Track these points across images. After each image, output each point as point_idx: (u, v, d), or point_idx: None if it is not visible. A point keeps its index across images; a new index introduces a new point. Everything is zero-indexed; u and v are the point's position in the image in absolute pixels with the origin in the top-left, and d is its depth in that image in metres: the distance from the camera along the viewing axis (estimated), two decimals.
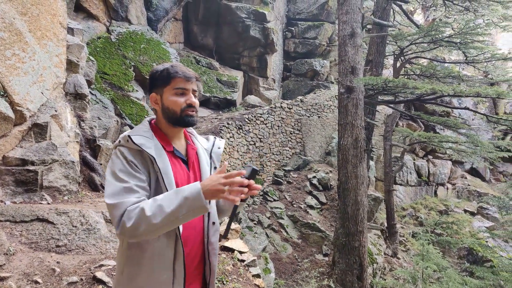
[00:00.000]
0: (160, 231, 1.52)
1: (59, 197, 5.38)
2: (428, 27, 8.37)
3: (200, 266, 1.74)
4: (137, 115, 9.96)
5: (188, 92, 1.76)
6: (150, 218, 1.47)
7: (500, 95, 6.51)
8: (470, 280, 7.54)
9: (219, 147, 1.90)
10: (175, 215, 1.47)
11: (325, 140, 12.53)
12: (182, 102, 1.74)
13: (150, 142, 1.69)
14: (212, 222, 1.75)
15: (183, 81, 1.74)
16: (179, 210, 1.47)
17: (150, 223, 1.47)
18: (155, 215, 1.47)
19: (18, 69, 5.13)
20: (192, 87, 1.77)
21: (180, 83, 1.75)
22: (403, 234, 11.59)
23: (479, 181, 17.38)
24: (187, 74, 1.76)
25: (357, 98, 7.02)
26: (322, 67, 17.03)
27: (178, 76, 1.75)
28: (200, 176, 1.76)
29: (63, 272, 3.93)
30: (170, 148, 1.74)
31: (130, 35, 11.32)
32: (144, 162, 1.64)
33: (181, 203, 1.47)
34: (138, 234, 1.50)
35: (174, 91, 1.75)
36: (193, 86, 1.78)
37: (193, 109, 1.76)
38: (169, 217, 1.47)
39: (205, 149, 1.88)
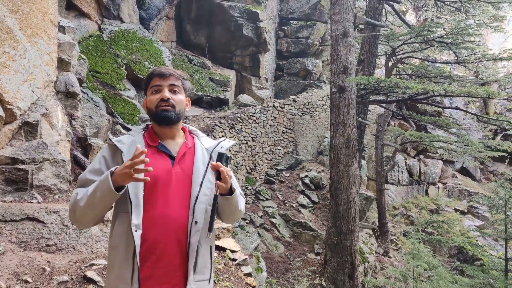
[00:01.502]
0: (89, 214, 1.64)
1: (50, 196, 5.33)
2: (420, 27, 8.43)
3: (182, 266, 1.67)
4: (129, 113, 9.91)
5: (162, 88, 1.78)
6: (79, 202, 1.63)
7: (490, 95, 6.58)
8: (460, 279, 7.63)
9: (222, 147, 1.85)
10: (93, 197, 1.58)
11: (317, 140, 12.57)
12: (156, 99, 1.77)
13: (130, 139, 1.80)
14: (195, 222, 1.68)
15: (158, 79, 1.78)
16: (95, 193, 1.58)
17: (79, 206, 1.63)
18: (82, 198, 1.62)
19: (8, 67, 5.07)
20: (169, 83, 1.78)
21: (155, 81, 1.79)
22: (394, 233, 11.67)
23: (470, 180, 17.56)
24: (162, 71, 1.79)
25: (349, 97, 7.06)
26: (314, 66, 17.08)
27: (154, 75, 1.80)
28: (191, 173, 1.75)
29: (54, 271, 3.91)
30: (154, 144, 1.79)
31: (122, 33, 11.25)
32: (117, 155, 1.75)
33: (96, 187, 1.59)
34: (75, 219, 1.69)
35: (151, 90, 1.80)
36: (170, 82, 1.78)
37: (166, 103, 1.75)
38: (89, 200, 1.59)
39: (206, 148, 1.86)
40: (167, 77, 1.78)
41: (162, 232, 1.65)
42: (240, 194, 1.86)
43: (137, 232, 1.60)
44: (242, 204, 1.86)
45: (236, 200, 1.78)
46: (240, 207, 1.83)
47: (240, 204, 1.83)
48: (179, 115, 1.81)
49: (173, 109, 1.77)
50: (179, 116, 1.80)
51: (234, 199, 1.76)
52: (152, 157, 1.72)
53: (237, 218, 1.91)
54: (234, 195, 1.74)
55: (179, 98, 1.81)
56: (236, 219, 1.92)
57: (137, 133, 1.85)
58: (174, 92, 1.80)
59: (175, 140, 1.84)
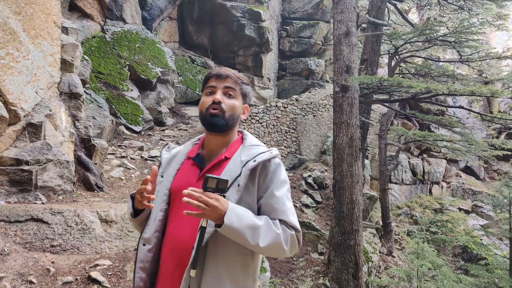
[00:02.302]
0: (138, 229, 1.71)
1: (54, 197, 5.35)
2: (423, 26, 8.40)
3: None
4: (132, 114, 9.93)
5: (216, 90, 1.61)
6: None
7: (494, 94, 6.55)
8: (465, 278, 7.60)
9: (255, 160, 1.52)
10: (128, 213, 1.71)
11: (320, 139, 12.56)
12: (208, 101, 1.60)
13: (179, 149, 1.78)
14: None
15: (214, 80, 1.63)
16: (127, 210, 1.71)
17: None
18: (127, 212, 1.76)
19: (12, 69, 5.10)
20: (225, 85, 1.61)
21: (211, 82, 1.63)
22: (398, 232, 11.64)
23: (474, 179, 17.48)
24: (219, 72, 1.63)
25: (352, 97, 7.04)
26: (317, 66, 17.06)
27: (211, 76, 1.65)
28: None
29: (58, 272, 3.92)
30: (191, 154, 1.69)
31: (125, 34, 11.28)
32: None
33: (127, 204, 1.71)
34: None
35: (205, 92, 1.65)
36: (226, 84, 1.61)
37: (216, 107, 1.57)
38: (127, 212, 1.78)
39: (241, 161, 1.56)
40: (223, 78, 1.61)
41: (169, 251, 1.56)
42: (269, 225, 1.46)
43: (145, 246, 1.59)
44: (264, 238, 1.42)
45: (236, 234, 1.39)
46: (255, 242, 1.41)
47: (254, 239, 1.41)
48: (228, 123, 1.60)
49: (222, 114, 1.58)
50: (228, 123, 1.59)
51: (229, 233, 1.39)
52: (186, 170, 1.66)
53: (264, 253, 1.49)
54: (223, 229, 1.37)
55: (232, 103, 1.61)
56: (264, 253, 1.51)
57: (191, 142, 1.78)
58: (229, 95, 1.61)
59: (219, 148, 1.64)
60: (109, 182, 6.92)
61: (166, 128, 10.87)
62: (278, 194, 1.52)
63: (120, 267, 4.26)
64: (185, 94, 13.23)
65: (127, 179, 7.30)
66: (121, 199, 6.19)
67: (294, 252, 1.53)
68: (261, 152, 1.57)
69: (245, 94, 1.68)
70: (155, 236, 1.59)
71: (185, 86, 13.22)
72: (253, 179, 1.53)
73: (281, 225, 1.49)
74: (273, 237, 1.44)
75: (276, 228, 1.46)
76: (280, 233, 1.46)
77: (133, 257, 4.56)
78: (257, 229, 1.42)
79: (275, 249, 1.46)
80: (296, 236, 1.51)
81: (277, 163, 1.59)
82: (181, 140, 9.63)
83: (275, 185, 1.54)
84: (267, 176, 1.56)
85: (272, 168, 1.56)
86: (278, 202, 1.52)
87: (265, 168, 1.56)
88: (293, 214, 1.54)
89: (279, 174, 1.57)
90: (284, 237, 1.46)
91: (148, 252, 1.58)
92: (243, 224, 1.39)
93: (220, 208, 1.36)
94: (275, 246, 1.45)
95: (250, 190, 1.52)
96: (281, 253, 1.48)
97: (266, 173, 1.56)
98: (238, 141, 1.68)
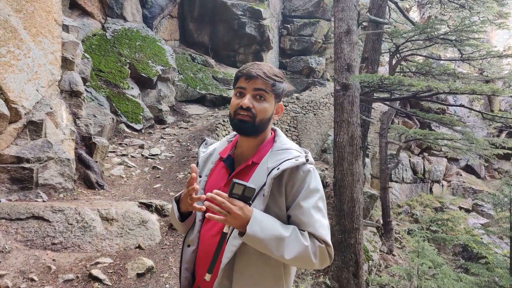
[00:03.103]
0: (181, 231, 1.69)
1: (55, 195, 5.36)
2: (424, 25, 8.39)
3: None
4: (133, 112, 9.93)
5: (245, 92, 1.52)
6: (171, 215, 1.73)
7: (495, 92, 6.54)
8: (465, 277, 7.59)
9: (279, 168, 1.44)
10: (173, 220, 1.69)
11: (320, 138, 12.55)
12: (236, 104, 1.52)
13: (215, 146, 1.74)
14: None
15: (244, 81, 1.52)
16: (172, 217, 1.67)
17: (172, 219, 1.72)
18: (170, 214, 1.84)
19: (13, 66, 5.10)
20: (255, 87, 1.51)
21: (241, 82, 1.54)
22: (398, 231, 11.65)
23: (474, 178, 17.48)
24: (249, 71, 1.51)
25: (353, 95, 7.03)
26: (318, 64, 17.04)
27: (241, 75, 1.54)
28: None
29: (59, 269, 3.92)
30: (223, 154, 1.64)
31: (126, 32, 11.27)
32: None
33: (171, 212, 1.67)
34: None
35: (235, 92, 1.56)
36: (256, 86, 1.51)
37: (244, 112, 1.49)
38: (172, 221, 1.69)
39: (267, 167, 1.48)
40: (253, 79, 1.50)
41: (201, 254, 1.56)
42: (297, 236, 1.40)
43: (189, 247, 1.59)
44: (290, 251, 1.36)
45: (259, 244, 1.35)
46: (280, 254, 1.36)
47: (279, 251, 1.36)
48: (259, 127, 1.53)
49: (251, 119, 1.50)
50: (258, 128, 1.52)
51: (252, 243, 1.36)
52: (217, 171, 1.63)
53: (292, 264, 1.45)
54: (246, 238, 1.35)
55: (263, 107, 1.51)
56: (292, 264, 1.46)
57: (227, 139, 1.72)
58: (260, 98, 1.51)
59: (250, 150, 1.58)
60: (109, 180, 6.93)
61: (166, 126, 10.87)
62: (305, 205, 1.44)
63: (121, 265, 4.27)
64: (186, 92, 13.23)
65: (127, 177, 7.30)
66: (122, 197, 6.20)
67: (325, 265, 1.47)
68: (287, 159, 1.48)
69: (278, 94, 1.57)
70: (197, 237, 1.58)
71: (186, 84, 13.21)
72: (279, 188, 1.46)
73: (310, 237, 1.42)
74: (300, 249, 1.37)
75: (304, 240, 1.40)
76: (309, 246, 1.39)
77: (134, 255, 4.57)
78: (282, 241, 1.36)
79: (302, 261, 1.40)
80: (327, 250, 1.43)
81: (306, 170, 1.49)
82: (181, 138, 9.63)
83: (303, 195, 1.45)
84: (294, 185, 1.47)
85: (300, 176, 1.47)
86: (305, 213, 1.44)
87: (292, 176, 1.47)
88: (322, 226, 1.44)
89: (308, 182, 1.47)
90: (312, 250, 1.40)
91: (192, 253, 1.59)
92: (267, 235, 1.34)
93: (243, 216, 1.32)
94: (302, 259, 1.39)
95: (276, 200, 1.46)
96: (309, 265, 1.42)
97: (294, 181, 1.47)
98: (268, 143, 1.59)
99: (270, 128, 1.63)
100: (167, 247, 4.98)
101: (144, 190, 6.76)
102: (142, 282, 4.14)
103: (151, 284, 4.15)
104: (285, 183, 1.47)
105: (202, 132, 10.12)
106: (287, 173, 1.47)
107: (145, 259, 4.44)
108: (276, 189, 1.45)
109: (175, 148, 9.03)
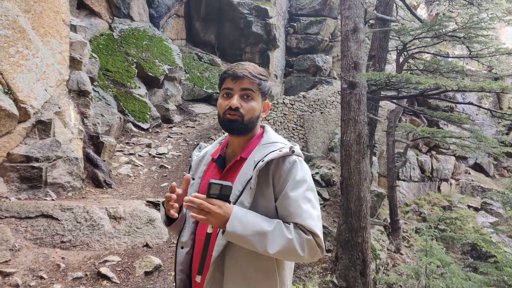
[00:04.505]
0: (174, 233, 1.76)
1: (63, 194, 5.40)
2: (432, 22, 8.32)
3: None
4: (140, 111, 9.98)
5: (233, 93, 1.54)
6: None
7: (504, 90, 6.46)
8: (474, 276, 7.53)
9: (263, 160, 1.46)
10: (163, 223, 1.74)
11: (327, 136, 12.52)
12: (225, 105, 1.55)
13: (207, 149, 1.77)
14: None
15: (230, 81, 1.55)
16: (162, 219, 1.74)
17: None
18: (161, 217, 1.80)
19: (22, 66, 5.14)
20: (242, 87, 1.54)
21: (227, 83, 1.56)
22: (406, 230, 11.58)
23: (483, 176, 17.32)
24: (235, 72, 1.54)
25: (360, 93, 7.00)
26: (324, 62, 16.99)
27: (227, 76, 1.57)
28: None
29: (68, 267, 3.96)
30: (213, 155, 1.67)
31: (132, 32, 11.32)
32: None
33: (161, 212, 1.72)
34: None
35: (222, 93, 1.59)
36: (243, 86, 1.54)
37: (233, 113, 1.52)
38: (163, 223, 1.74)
39: (254, 161, 1.51)
40: (240, 79, 1.53)
41: (196, 254, 1.57)
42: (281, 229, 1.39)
43: (183, 249, 1.62)
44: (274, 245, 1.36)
45: (241, 240, 1.36)
46: (263, 249, 1.36)
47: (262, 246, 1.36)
48: (248, 126, 1.55)
49: (241, 119, 1.53)
50: (247, 127, 1.55)
51: (234, 239, 1.37)
52: (209, 172, 1.66)
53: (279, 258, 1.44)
54: (227, 235, 1.36)
55: (251, 106, 1.54)
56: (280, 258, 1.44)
57: (218, 141, 1.76)
58: (247, 97, 1.54)
59: (240, 148, 1.61)
60: (117, 179, 6.97)
61: (173, 125, 10.91)
62: (292, 195, 1.44)
63: (129, 263, 4.30)
64: (192, 91, 13.26)
65: (135, 176, 7.34)
66: (129, 196, 6.24)
67: (316, 257, 1.45)
68: (272, 151, 1.50)
69: (264, 92, 1.60)
70: (191, 238, 1.60)
71: (192, 84, 13.25)
72: (267, 180, 1.48)
73: (296, 229, 1.40)
74: (283, 243, 1.36)
75: (288, 233, 1.38)
76: (293, 238, 1.37)
77: (142, 253, 4.59)
78: (265, 235, 1.36)
79: (288, 255, 1.40)
80: (315, 241, 1.41)
81: (292, 161, 1.49)
82: (188, 138, 9.66)
83: (290, 185, 1.45)
84: (281, 176, 1.48)
85: (285, 168, 1.47)
86: (292, 204, 1.43)
87: (278, 167, 1.48)
88: (311, 216, 1.42)
89: (294, 173, 1.47)
90: (299, 242, 1.38)
91: (186, 254, 1.61)
92: (248, 231, 1.35)
93: (224, 214, 1.34)
94: (288, 252, 1.38)
95: (264, 193, 1.47)
96: (298, 259, 1.41)
97: (280, 173, 1.48)
98: (256, 139, 1.61)
99: (259, 125, 1.65)
100: (175, 245, 5.00)
101: (151, 188, 6.80)
102: (150, 280, 4.16)
103: (158, 282, 4.17)
104: (272, 175, 1.48)
105: (209, 131, 10.14)
106: (273, 164, 1.49)
107: (153, 257, 4.46)
108: (263, 181, 1.47)
109: (182, 147, 9.06)
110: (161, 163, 7.99)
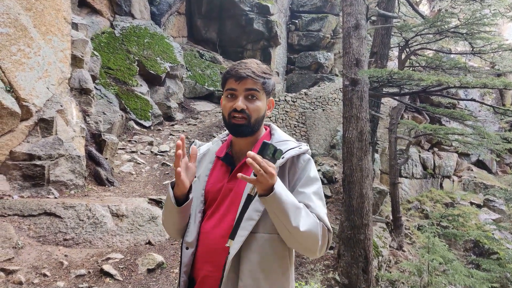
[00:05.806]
0: (170, 228, 1.64)
1: (66, 191, 5.42)
2: (434, 18, 8.29)
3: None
4: (142, 109, 9.98)
5: (237, 94, 1.52)
6: (162, 214, 1.67)
7: (507, 86, 6.44)
8: (476, 273, 7.52)
9: (283, 157, 1.47)
10: (165, 211, 1.61)
11: (329, 133, 12.50)
12: (229, 107, 1.53)
13: (207, 148, 1.73)
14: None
15: (233, 82, 1.52)
16: (166, 207, 1.59)
17: (162, 218, 1.67)
18: (163, 211, 1.66)
19: (24, 65, 5.15)
20: (245, 87, 1.51)
21: (230, 84, 1.54)
22: (408, 227, 11.58)
23: (486, 173, 17.27)
24: (238, 72, 1.51)
25: (362, 90, 6.99)
26: (326, 59, 16.95)
27: (230, 76, 1.54)
28: (244, 185, 1.50)
29: (71, 265, 3.97)
30: (219, 154, 1.64)
31: (134, 29, 11.32)
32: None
33: (166, 201, 1.59)
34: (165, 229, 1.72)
35: (225, 94, 1.56)
36: (247, 86, 1.51)
37: (239, 115, 1.50)
38: (164, 214, 1.62)
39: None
40: (244, 79, 1.50)
41: (205, 253, 1.54)
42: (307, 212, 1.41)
43: (188, 250, 1.56)
44: (305, 222, 1.36)
45: (281, 207, 1.33)
46: (296, 224, 1.34)
47: (296, 220, 1.34)
48: (254, 127, 1.55)
49: (247, 121, 1.51)
50: (253, 128, 1.54)
51: (275, 204, 1.32)
52: (217, 170, 1.63)
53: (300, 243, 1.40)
54: (272, 197, 1.31)
55: (256, 106, 1.53)
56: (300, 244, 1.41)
57: (219, 139, 1.73)
58: (252, 98, 1.52)
59: (250, 147, 1.58)
60: (119, 176, 6.98)
61: (175, 123, 10.92)
62: (307, 191, 1.47)
63: (131, 261, 4.31)
64: (194, 89, 13.25)
65: (137, 173, 7.35)
66: (132, 193, 6.25)
67: (323, 252, 1.46)
68: (290, 148, 1.51)
69: (268, 90, 1.58)
70: (197, 239, 1.57)
71: (194, 81, 13.24)
72: (283, 176, 1.49)
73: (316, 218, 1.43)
74: (312, 224, 1.39)
75: (314, 217, 1.41)
76: (318, 222, 1.41)
77: (144, 251, 4.60)
78: (299, 210, 1.37)
79: (310, 239, 1.39)
80: (328, 236, 1.45)
81: (307, 159, 1.53)
82: (190, 135, 9.67)
83: (303, 182, 1.49)
84: (296, 173, 1.51)
85: (301, 165, 1.51)
86: (307, 198, 1.45)
87: (293, 164, 1.52)
88: (324, 213, 1.46)
89: (308, 171, 1.51)
90: (321, 229, 1.41)
91: (191, 255, 1.57)
92: (289, 200, 1.35)
93: (275, 177, 1.31)
94: (312, 235, 1.38)
95: None
96: (314, 245, 1.40)
97: (295, 169, 1.51)
98: (265, 137, 1.61)
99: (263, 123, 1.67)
100: (177, 242, 5.01)
101: (153, 186, 6.81)
102: (153, 277, 4.17)
103: (161, 279, 4.18)
104: (288, 171, 1.51)
105: (210, 128, 10.14)
106: (289, 161, 1.51)
107: (155, 254, 4.47)
108: (280, 177, 1.45)
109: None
110: (163, 161, 8.00)
